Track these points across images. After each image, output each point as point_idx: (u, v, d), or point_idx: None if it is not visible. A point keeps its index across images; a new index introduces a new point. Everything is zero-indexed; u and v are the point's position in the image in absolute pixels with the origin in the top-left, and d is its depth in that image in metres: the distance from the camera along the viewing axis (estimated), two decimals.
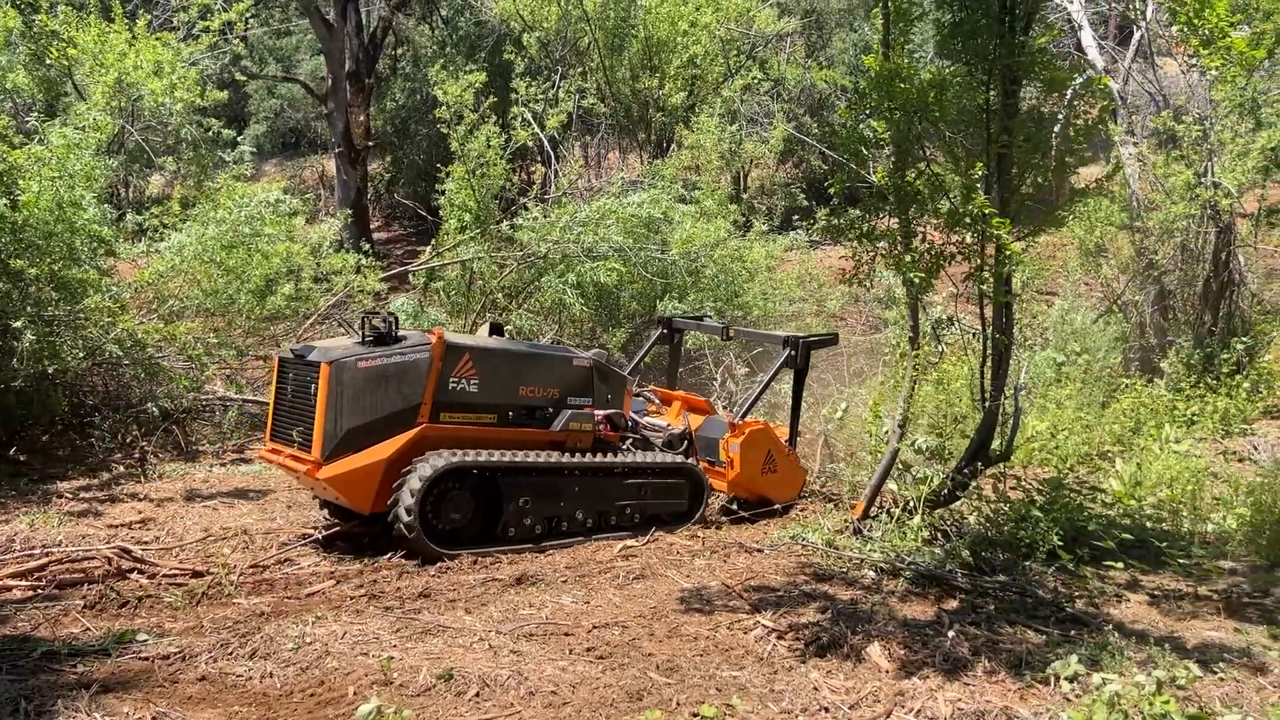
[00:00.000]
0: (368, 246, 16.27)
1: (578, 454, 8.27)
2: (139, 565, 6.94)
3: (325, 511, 8.30)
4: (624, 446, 8.85)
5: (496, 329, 8.87)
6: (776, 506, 9.66)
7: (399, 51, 28.06)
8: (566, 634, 5.80)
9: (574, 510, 8.20)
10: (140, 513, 8.51)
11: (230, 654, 5.27)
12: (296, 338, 14.03)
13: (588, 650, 5.55)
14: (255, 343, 13.77)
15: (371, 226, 25.22)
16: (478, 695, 4.78)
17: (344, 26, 21.73)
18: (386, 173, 29.22)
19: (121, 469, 10.19)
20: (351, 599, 6.48)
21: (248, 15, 17.70)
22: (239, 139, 16.92)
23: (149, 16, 16.89)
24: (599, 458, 8.40)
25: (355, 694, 4.78)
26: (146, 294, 12.24)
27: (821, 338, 10.72)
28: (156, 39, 15.82)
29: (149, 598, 6.38)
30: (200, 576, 6.86)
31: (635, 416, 9.39)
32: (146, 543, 7.61)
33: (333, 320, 14.66)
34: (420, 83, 25.13)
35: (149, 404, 10.89)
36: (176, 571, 6.94)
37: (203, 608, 6.28)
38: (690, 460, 9.17)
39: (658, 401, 10.51)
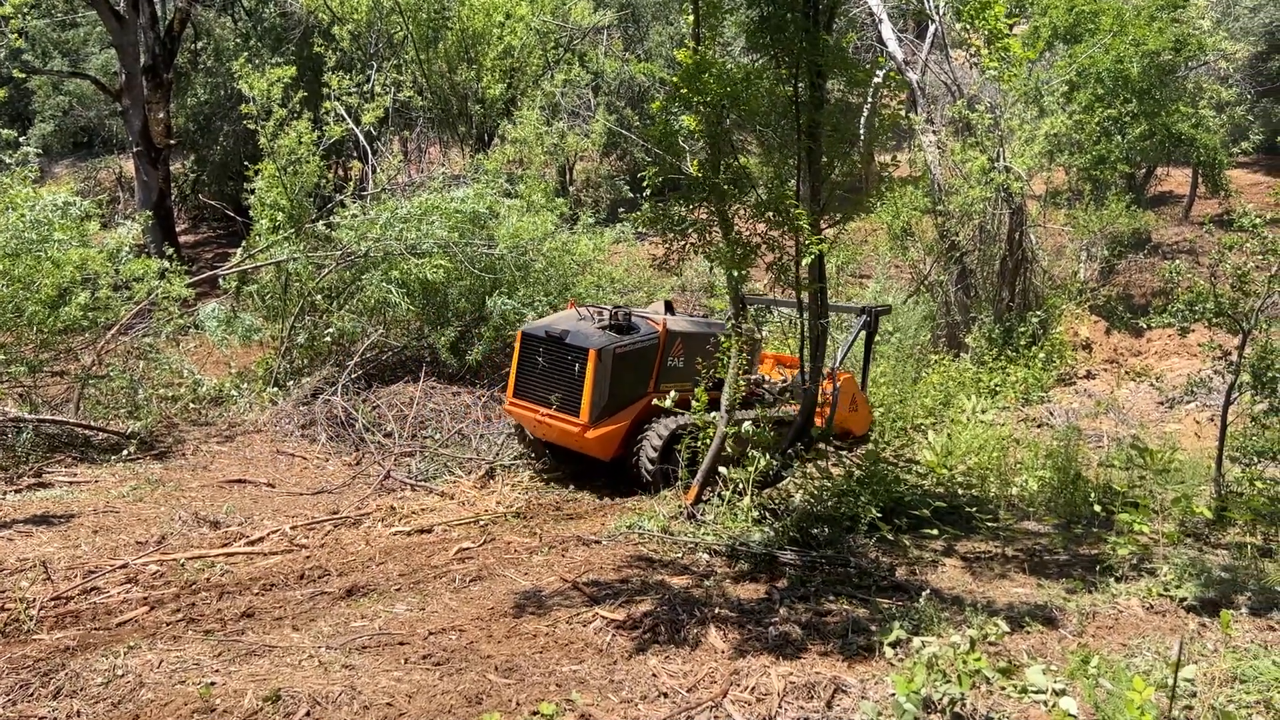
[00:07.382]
0: (172, 250, 15.30)
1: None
2: None
3: (530, 449, 10.89)
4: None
5: (669, 306, 10.92)
6: (858, 436, 11.62)
7: (199, 45, 26.58)
8: (401, 643, 5.66)
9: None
10: None
11: (31, 695, 4.90)
12: (98, 350, 13.10)
13: (424, 658, 5.43)
14: (50, 357, 12.76)
15: (177, 229, 23.82)
16: (308, 715, 4.60)
17: (137, 19, 20.38)
18: (191, 173, 27.64)
19: None
20: (168, 625, 6.11)
21: (26, 7, 16.29)
22: (22, 139, 15.60)
23: None
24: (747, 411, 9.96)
25: None
26: None
27: (885, 308, 12.52)
28: None
29: None
30: None
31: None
32: None
33: (136, 331, 13.79)
34: (224, 77, 23.92)
35: None
36: None
37: None
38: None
39: None
